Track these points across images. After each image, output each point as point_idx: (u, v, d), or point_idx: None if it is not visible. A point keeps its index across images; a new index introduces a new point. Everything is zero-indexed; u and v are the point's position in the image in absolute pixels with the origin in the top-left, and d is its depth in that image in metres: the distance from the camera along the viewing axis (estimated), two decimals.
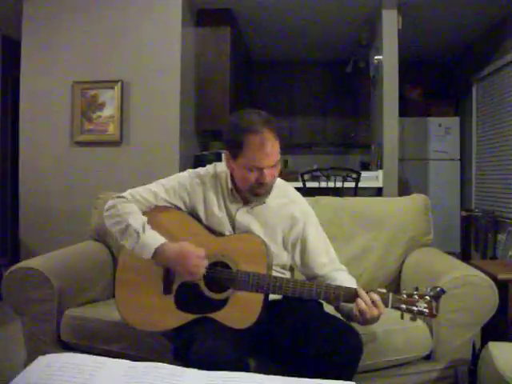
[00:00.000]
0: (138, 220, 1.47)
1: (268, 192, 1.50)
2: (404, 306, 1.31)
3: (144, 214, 1.53)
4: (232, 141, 1.43)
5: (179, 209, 1.57)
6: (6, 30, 4.35)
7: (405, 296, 1.31)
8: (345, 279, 1.52)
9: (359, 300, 1.31)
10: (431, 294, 1.30)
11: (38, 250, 3.18)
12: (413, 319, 1.31)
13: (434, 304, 1.29)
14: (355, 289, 1.36)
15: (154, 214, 1.54)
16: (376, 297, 1.31)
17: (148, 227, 1.47)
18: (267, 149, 1.39)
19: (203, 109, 4.00)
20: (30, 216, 3.53)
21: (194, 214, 1.57)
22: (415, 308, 1.30)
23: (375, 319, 1.32)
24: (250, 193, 1.48)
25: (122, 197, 1.54)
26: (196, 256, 1.41)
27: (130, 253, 1.49)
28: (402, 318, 1.31)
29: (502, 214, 4.36)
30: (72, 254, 2.04)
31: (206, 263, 1.42)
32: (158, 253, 1.43)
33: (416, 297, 1.31)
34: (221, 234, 1.53)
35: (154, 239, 1.45)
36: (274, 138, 1.41)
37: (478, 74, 4.92)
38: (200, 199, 1.56)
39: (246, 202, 1.54)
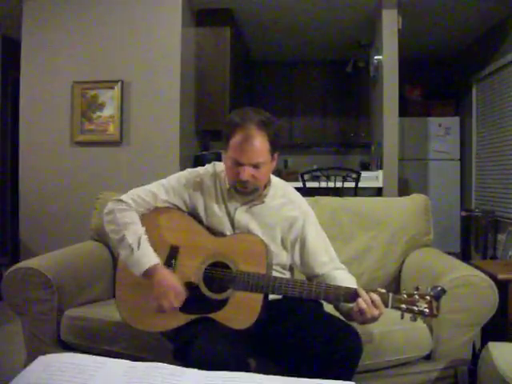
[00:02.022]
0: (134, 234, 1.46)
1: (252, 193, 1.50)
2: (404, 306, 1.30)
3: (144, 215, 1.53)
4: (224, 134, 1.47)
5: (180, 209, 1.57)
6: (5, 30, 4.36)
7: (405, 296, 1.31)
8: (345, 278, 1.52)
9: (360, 300, 1.31)
10: (432, 293, 1.29)
11: (38, 250, 3.19)
12: (413, 319, 1.30)
13: (434, 304, 1.28)
14: (355, 289, 1.36)
15: (155, 215, 1.55)
16: (376, 297, 1.31)
17: (144, 241, 1.46)
18: (248, 145, 1.40)
19: (203, 109, 4.00)
20: (30, 216, 3.52)
21: (194, 214, 1.57)
22: (416, 308, 1.29)
23: (375, 319, 1.32)
24: (234, 189, 1.50)
25: (122, 201, 1.53)
26: (174, 293, 1.40)
27: None
28: (402, 318, 1.31)
29: (502, 214, 4.35)
30: (72, 253, 2.04)
31: (180, 303, 1.41)
32: (146, 272, 1.43)
33: (416, 297, 1.30)
34: (221, 234, 1.53)
35: (146, 258, 1.43)
36: (262, 137, 1.42)
37: (477, 74, 4.92)
38: (200, 198, 1.56)
39: (244, 201, 1.54)
